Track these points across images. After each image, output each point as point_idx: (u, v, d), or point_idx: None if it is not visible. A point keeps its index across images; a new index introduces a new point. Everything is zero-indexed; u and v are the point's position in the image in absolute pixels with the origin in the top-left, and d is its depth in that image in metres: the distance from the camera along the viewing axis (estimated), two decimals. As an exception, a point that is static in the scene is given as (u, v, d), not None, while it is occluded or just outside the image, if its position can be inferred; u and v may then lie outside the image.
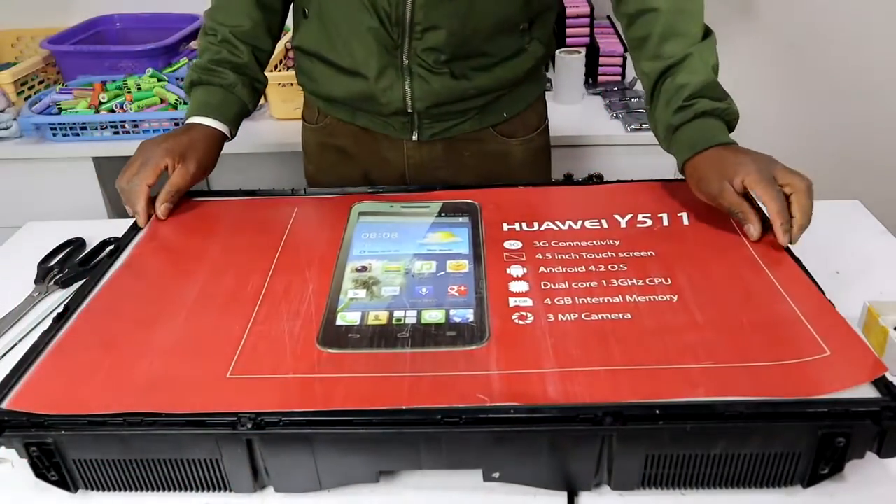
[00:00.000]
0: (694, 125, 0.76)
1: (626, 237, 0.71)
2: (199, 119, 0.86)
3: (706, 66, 0.77)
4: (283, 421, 0.51)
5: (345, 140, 0.96)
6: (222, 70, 0.88)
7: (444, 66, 0.84)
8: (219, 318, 0.62)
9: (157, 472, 0.54)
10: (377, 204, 0.80)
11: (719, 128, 0.75)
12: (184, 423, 0.51)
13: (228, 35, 0.88)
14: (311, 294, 0.65)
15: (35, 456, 0.53)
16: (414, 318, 0.61)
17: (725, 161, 0.71)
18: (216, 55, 0.88)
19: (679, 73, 0.77)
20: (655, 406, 0.50)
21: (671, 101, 0.77)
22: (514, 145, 0.95)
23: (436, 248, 0.71)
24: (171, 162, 0.80)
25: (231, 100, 0.89)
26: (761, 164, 0.70)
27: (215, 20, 0.90)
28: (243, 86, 0.89)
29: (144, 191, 0.79)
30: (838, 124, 1.99)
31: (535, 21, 0.89)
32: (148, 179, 0.79)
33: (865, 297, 0.68)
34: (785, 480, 0.52)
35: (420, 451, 0.52)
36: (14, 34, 1.83)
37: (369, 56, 0.85)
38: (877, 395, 0.51)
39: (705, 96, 0.76)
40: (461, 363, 0.55)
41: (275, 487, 0.55)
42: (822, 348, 0.54)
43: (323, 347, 0.58)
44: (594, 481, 0.53)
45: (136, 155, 0.82)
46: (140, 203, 0.79)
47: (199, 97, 0.88)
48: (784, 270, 0.64)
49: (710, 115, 0.75)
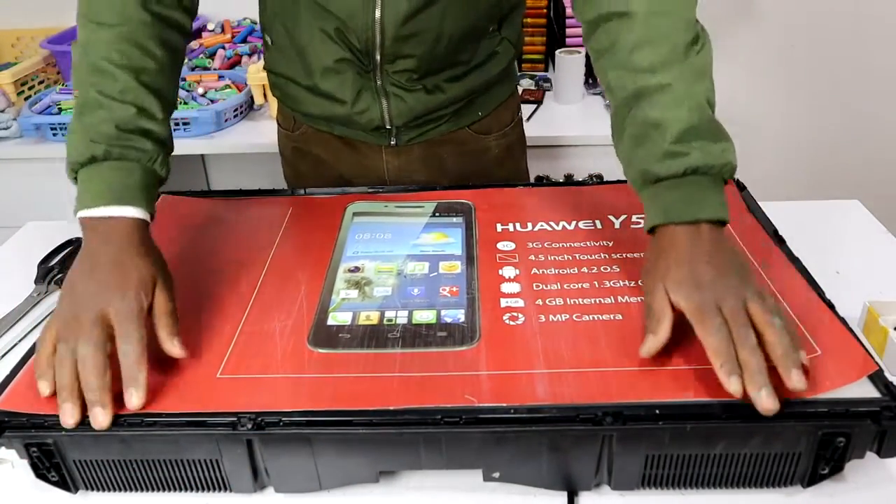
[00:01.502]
0: (679, 184, 0.58)
1: (620, 238, 0.71)
2: (119, 210, 0.60)
3: (691, 97, 0.59)
4: (283, 421, 0.51)
5: (322, 148, 0.94)
6: (135, 137, 0.64)
7: (417, 83, 0.84)
8: (211, 318, 0.62)
9: (158, 473, 0.54)
10: (372, 204, 0.80)
11: (709, 193, 0.58)
12: (184, 423, 0.51)
13: (132, 83, 0.64)
14: (304, 294, 0.65)
15: (35, 456, 0.53)
16: (405, 318, 0.61)
17: (679, 257, 0.56)
18: (121, 115, 0.63)
19: (656, 103, 0.59)
20: (656, 406, 0.50)
21: (650, 140, 0.59)
22: (490, 141, 0.95)
23: (429, 249, 0.71)
24: (146, 297, 0.56)
25: (151, 177, 0.65)
26: (710, 284, 0.53)
27: (106, 59, 0.64)
28: (163, 158, 0.66)
29: (141, 361, 0.53)
30: (838, 124, 2.00)
31: (504, 21, 0.88)
32: (141, 340, 0.54)
33: (865, 297, 0.68)
34: (785, 480, 0.52)
35: (420, 451, 0.52)
36: (14, 34, 1.84)
37: (343, 83, 0.83)
38: (877, 394, 0.51)
39: (697, 143, 0.58)
40: (450, 363, 0.55)
41: (275, 488, 0.55)
42: (814, 348, 0.54)
43: (313, 347, 0.58)
44: (594, 481, 0.53)
45: (78, 316, 0.54)
46: (140, 379, 0.52)
47: (109, 178, 0.62)
48: (778, 269, 0.64)
49: (703, 174, 0.58)
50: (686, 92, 0.59)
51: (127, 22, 0.66)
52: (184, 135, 1.50)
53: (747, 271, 0.56)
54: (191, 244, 0.74)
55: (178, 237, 0.76)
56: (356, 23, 0.78)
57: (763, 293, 0.54)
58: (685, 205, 0.58)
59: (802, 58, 1.92)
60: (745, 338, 0.50)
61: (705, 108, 0.60)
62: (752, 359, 0.49)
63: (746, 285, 0.54)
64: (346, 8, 0.78)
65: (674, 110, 0.59)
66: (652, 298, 0.56)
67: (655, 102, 0.59)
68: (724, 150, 0.59)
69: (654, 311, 0.55)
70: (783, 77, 1.95)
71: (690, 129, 0.58)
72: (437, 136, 0.91)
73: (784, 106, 1.99)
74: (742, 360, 0.50)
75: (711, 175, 0.59)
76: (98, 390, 0.51)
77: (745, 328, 0.51)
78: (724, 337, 0.51)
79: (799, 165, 2.04)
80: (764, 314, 0.52)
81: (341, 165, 0.94)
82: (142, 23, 0.67)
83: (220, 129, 1.54)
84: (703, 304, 0.53)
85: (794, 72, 1.94)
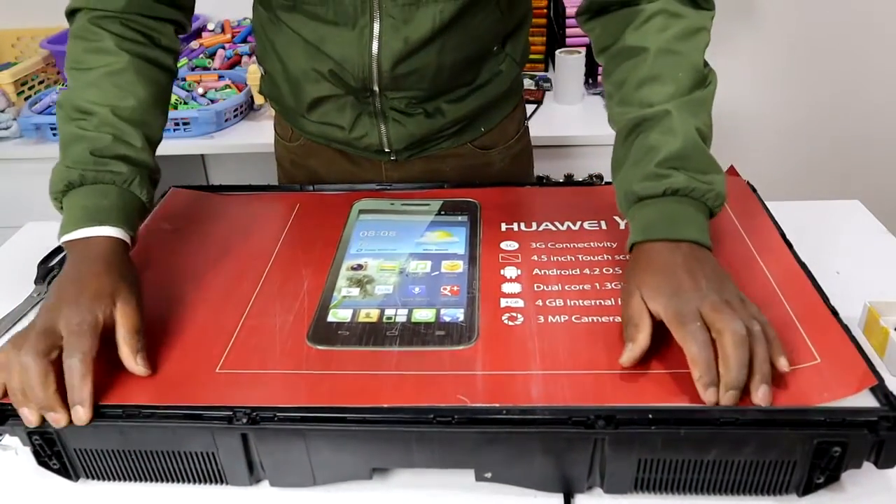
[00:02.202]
0: (661, 204, 0.60)
1: (624, 239, 0.71)
2: (94, 230, 0.61)
3: (687, 127, 0.61)
4: (277, 416, 0.51)
5: (320, 161, 0.93)
6: (110, 161, 0.65)
7: (417, 108, 0.83)
8: (213, 312, 0.63)
9: (155, 464, 0.54)
10: (378, 202, 0.80)
11: (690, 216, 0.59)
12: (181, 416, 0.52)
13: (110, 117, 0.66)
14: (306, 290, 0.65)
15: (37, 444, 0.54)
16: (405, 316, 0.61)
17: (656, 268, 0.56)
18: (97, 143, 0.65)
19: (652, 130, 0.61)
20: (648, 410, 0.50)
21: (640, 163, 0.62)
22: (493, 155, 0.93)
23: (432, 248, 0.71)
24: (101, 311, 0.56)
25: (128, 199, 0.66)
26: (688, 290, 0.53)
27: (85, 100, 0.67)
28: (140, 180, 0.66)
29: (85, 371, 0.53)
30: (838, 124, 1.99)
31: (509, 38, 0.85)
32: (87, 353, 0.53)
33: (865, 297, 0.68)
34: (780, 488, 0.52)
35: (412, 449, 0.52)
36: (14, 34, 1.84)
37: (341, 110, 0.83)
38: (875, 404, 0.50)
39: (683, 168, 0.60)
40: (447, 363, 0.56)
41: (270, 482, 0.55)
42: (813, 355, 0.54)
43: (312, 344, 0.59)
44: (587, 484, 0.53)
45: (32, 327, 0.55)
46: (85, 394, 0.52)
47: (84, 201, 0.63)
48: (784, 273, 0.63)
49: (685, 196, 0.60)
50: (682, 121, 0.61)
51: (107, 65, 0.69)
52: (184, 135, 1.51)
53: (727, 279, 0.56)
54: (198, 237, 0.75)
55: (186, 230, 0.77)
56: (351, 64, 0.77)
57: (744, 298, 0.54)
58: (665, 223, 0.59)
59: (802, 57, 1.91)
60: (720, 348, 0.51)
61: (698, 139, 0.61)
62: (724, 370, 0.50)
63: (726, 290, 0.54)
64: (340, 51, 0.77)
65: (667, 136, 0.61)
66: (629, 307, 0.56)
67: (652, 128, 0.62)
68: (711, 180, 0.60)
69: (632, 319, 0.55)
70: (783, 77, 1.94)
71: (678, 155, 0.60)
72: (438, 152, 0.89)
73: (784, 106, 1.98)
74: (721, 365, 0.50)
75: (693, 199, 0.60)
76: (42, 397, 0.51)
77: (723, 337, 0.51)
78: (702, 343, 0.51)
79: (799, 165, 2.04)
80: (745, 317, 0.51)
81: (339, 177, 0.92)
82: (121, 65, 0.69)
83: (220, 129, 1.54)
84: (681, 311, 0.52)
85: (795, 71, 1.94)
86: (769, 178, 1.07)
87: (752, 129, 2.00)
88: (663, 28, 0.65)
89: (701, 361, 0.50)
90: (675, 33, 0.65)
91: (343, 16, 0.75)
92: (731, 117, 1.97)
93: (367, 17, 0.74)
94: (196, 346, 0.59)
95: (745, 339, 0.50)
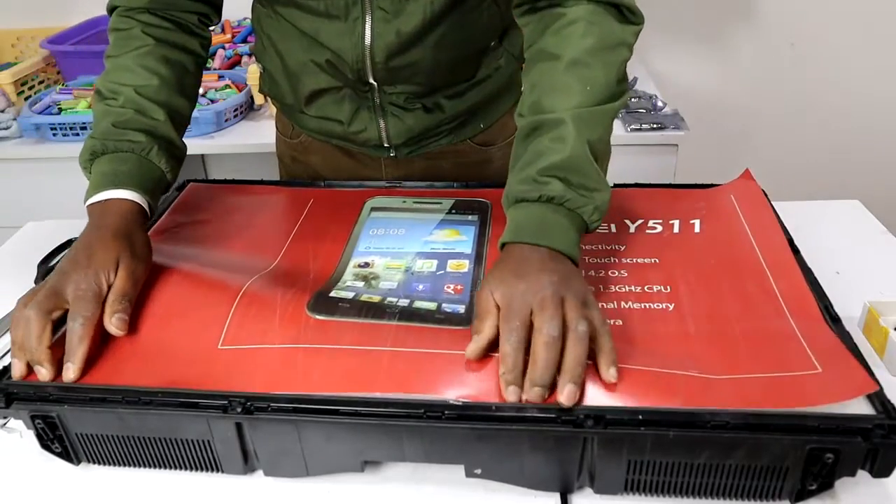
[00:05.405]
0: (534, 209, 0.60)
1: (632, 242, 0.71)
2: (110, 193, 0.66)
3: (578, 139, 0.60)
4: (271, 406, 0.52)
5: (320, 157, 0.94)
6: (130, 132, 0.70)
7: (416, 102, 0.83)
8: (216, 294, 0.63)
9: (154, 450, 0.56)
10: (390, 199, 0.81)
11: (561, 225, 0.59)
12: (177, 403, 0.53)
13: (133, 95, 0.72)
14: (311, 279, 0.66)
15: (40, 428, 0.56)
16: (406, 303, 0.62)
17: (512, 265, 0.57)
18: (120, 117, 0.70)
19: (544, 136, 0.62)
20: (639, 411, 0.50)
21: (526, 167, 0.62)
22: (493, 152, 0.93)
23: (439, 247, 0.71)
24: (105, 278, 0.60)
25: (147, 167, 0.70)
26: (528, 280, 0.54)
27: (113, 81, 0.73)
28: (159, 150, 0.71)
29: (85, 333, 0.57)
30: (838, 124, 1.97)
31: (507, 33, 0.85)
32: (89, 319, 0.57)
33: (865, 297, 0.67)
34: (773, 494, 0.51)
35: (403, 443, 0.52)
36: (14, 34, 1.86)
37: (339, 104, 0.84)
38: (871, 411, 0.49)
39: (564, 179, 0.60)
40: (444, 341, 0.56)
41: (264, 471, 0.56)
42: (814, 365, 0.53)
43: (312, 313, 0.59)
44: (577, 483, 0.53)
45: (42, 287, 0.59)
46: (78, 355, 0.56)
47: (104, 168, 0.68)
48: (789, 282, 0.63)
49: (560, 205, 0.60)
50: (575, 132, 0.61)
51: (134, 48, 0.74)
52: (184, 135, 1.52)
53: (576, 277, 0.57)
54: (212, 228, 0.77)
55: (201, 221, 0.78)
56: (347, 55, 0.78)
57: (588, 300, 0.54)
58: (534, 229, 0.59)
59: (802, 57, 1.91)
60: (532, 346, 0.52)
61: (587, 153, 0.61)
62: (531, 367, 0.51)
63: (569, 288, 0.54)
64: (335, 42, 0.78)
65: (557, 144, 0.61)
66: (479, 300, 0.56)
67: (544, 134, 0.62)
68: (590, 194, 0.60)
69: (479, 312, 0.55)
70: (783, 77, 1.93)
71: (561, 165, 0.60)
72: (437, 148, 0.90)
73: (784, 106, 1.97)
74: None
75: (568, 209, 0.60)
76: (35, 349, 0.56)
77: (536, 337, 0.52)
78: (514, 342, 0.52)
79: (799, 165, 2.02)
80: (573, 318, 0.52)
81: (340, 174, 0.93)
82: (146, 49, 0.75)
83: (220, 129, 1.54)
84: (511, 305, 0.53)
85: (794, 71, 1.93)
86: (769, 178, 1.05)
87: (752, 129, 2.00)
88: (582, 36, 0.64)
89: (508, 360, 0.52)
90: (592, 44, 0.64)
91: (335, 8, 0.76)
92: (731, 117, 1.96)
93: (358, 9, 0.75)
94: (199, 324, 0.60)
95: (555, 341, 0.51)
